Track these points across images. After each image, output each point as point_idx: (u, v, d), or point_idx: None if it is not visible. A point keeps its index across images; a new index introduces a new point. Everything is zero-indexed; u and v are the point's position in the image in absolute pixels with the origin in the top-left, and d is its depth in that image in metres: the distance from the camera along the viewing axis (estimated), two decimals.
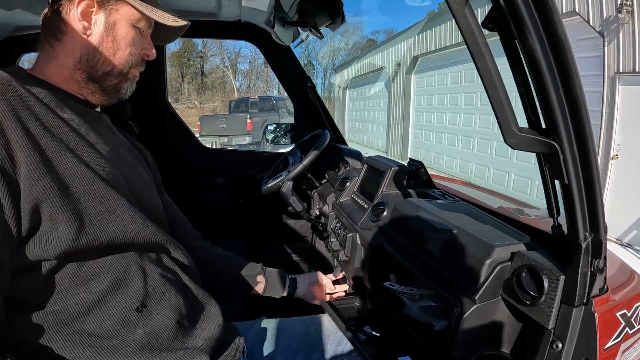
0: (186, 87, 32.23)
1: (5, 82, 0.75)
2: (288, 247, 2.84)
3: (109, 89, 0.97)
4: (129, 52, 0.96)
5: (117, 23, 0.93)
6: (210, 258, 1.27)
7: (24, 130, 0.73)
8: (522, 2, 0.61)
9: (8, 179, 0.69)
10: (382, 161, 1.57)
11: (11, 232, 0.70)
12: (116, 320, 0.81)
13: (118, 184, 0.87)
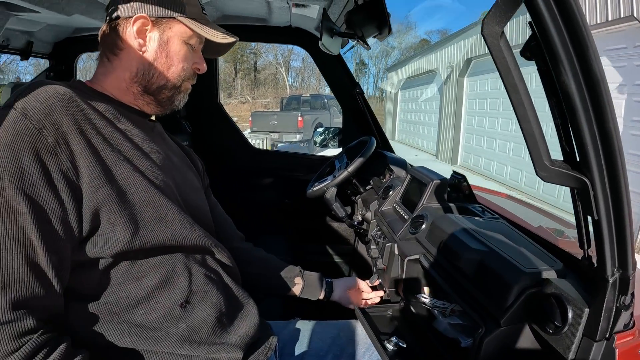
0: (239, 83, 32.87)
1: (69, 98, 0.84)
2: (330, 249, 2.90)
3: (163, 100, 1.05)
4: (181, 67, 1.03)
5: (170, 40, 1.01)
6: (252, 259, 1.34)
7: (86, 143, 0.82)
8: (557, 37, 0.62)
9: (72, 186, 0.79)
10: (425, 173, 1.59)
11: (73, 233, 0.80)
12: (162, 313, 0.90)
13: (170, 190, 0.96)
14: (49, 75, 2.72)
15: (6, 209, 0.73)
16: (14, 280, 0.72)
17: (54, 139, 0.78)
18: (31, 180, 0.75)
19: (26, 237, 0.74)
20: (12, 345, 0.71)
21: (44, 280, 0.76)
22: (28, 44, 2.43)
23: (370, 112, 2.62)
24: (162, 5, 0.99)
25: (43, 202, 0.76)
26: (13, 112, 0.77)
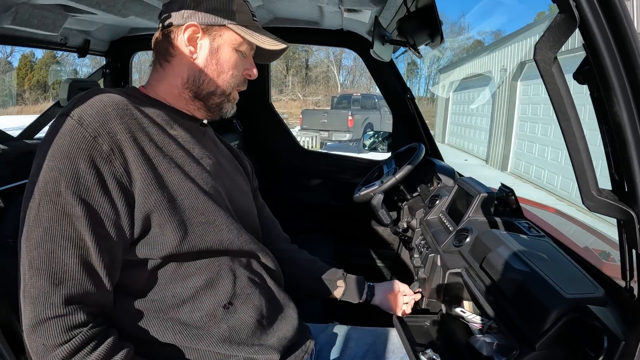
0: (290, 80, 33.19)
1: (123, 107, 0.89)
2: (374, 253, 2.91)
3: (212, 107, 1.08)
4: (231, 74, 1.06)
5: (220, 48, 1.03)
6: (295, 260, 1.38)
7: (139, 150, 0.87)
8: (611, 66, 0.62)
9: (125, 192, 0.85)
10: (473, 185, 1.58)
11: (125, 235, 0.86)
12: (205, 313, 0.95)
13: (218, 196, 1.00)
14: (105, 72, 2.88)
15: (62, 212, 0.79)
16: (68, 278, 0.79)
17: (109, 147, 0.83)
18: (86, 186, 0.80)
19: (80, 238, 0.80)
20: (64, 337, 0.77)
21: (95, 278, 0.82)
22: (85, 42, 2.58)
23: (420, 118, 2.62)
24: (213, 13, 1.01)
25: (97, 206, 0.82)
26: (70, 120, 0.83)
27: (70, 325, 0.78)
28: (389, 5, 1.84)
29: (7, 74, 28.52)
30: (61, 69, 28.26)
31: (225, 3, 1.02)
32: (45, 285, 0.77)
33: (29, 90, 30.57)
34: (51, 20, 1.95)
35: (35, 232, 0.79)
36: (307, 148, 13.48)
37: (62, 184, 0.79)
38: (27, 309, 0.78)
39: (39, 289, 0.77)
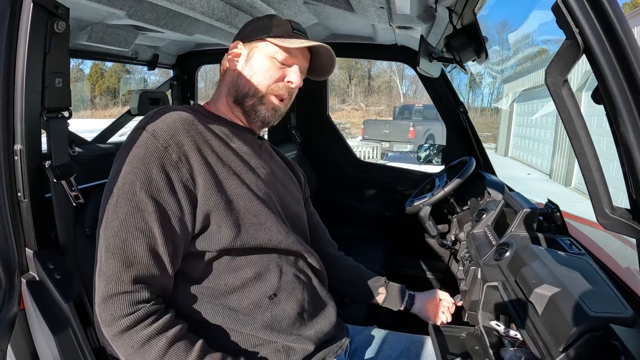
0: (353, 89, 33.36)
1: (190, 122, 1.06)
2: (424, 264, 2.94)
3: (248, 109, 1.19)
4: (263, 77, 1.17)
5: (255, 54, 1.18)
6: (341, 266, 1.50)
7: (202, 159, 1.03)
8: (616, 90, 0.65)
9: (189, 194, 1.01)
10: (518, 200, 1.58)
11: (187, 230, 1.02)
12: (252, 301, 1.08)
13: (270, 201, 1.14)
14: (173, 84, 3.11)
15: (137, 208, 0.95)
16: (137, 262, 0.95)
17: (177, 156, 1.00)
18: (157, 187, 0.97)
19: (150, 230, 0.96)
20: (129, 310, 0.92)
21: (160, 264, 0.98)
22: (154, 57, 2.82)
23: (473, 132, 2.63)
24: (255, 30, 1.19)
25: (165, 204, 0.98)
26: (145, 133, 0.99)
27: (135, 301, 0.93)
28: (438, 22, 1.89)
29: (79, 81, 30.74)
30: (130, 76, 30.04)
31: (267, 23, 1.19)
32: (118, 266, 0.93)
33: (99, 95, 32.84)
34: (123, 38, 2.17)
35: (113, 222, 0.95)
36: (368, 159, 13.67)
37: (137, 185, 0.95)
38: (101, 285, 0.93)
39: (113, 269, 0.93)
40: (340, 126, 23.11)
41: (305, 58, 1.24)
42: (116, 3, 1.53)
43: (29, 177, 1.04)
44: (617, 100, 0.66)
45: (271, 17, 1.22)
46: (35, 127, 1.05)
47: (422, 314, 1.50)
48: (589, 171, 0.73)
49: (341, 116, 29.31)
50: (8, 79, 0.97)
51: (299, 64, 1.21)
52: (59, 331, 1.08)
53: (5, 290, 1.01)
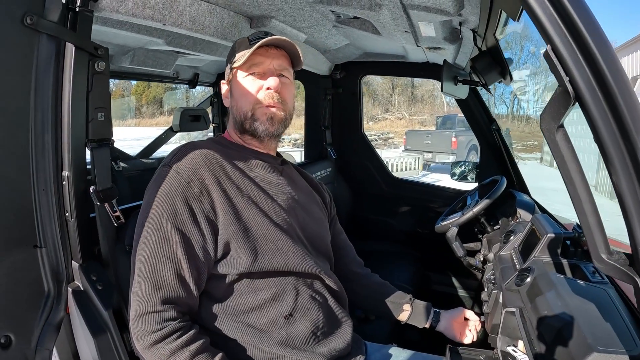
0: (396, 99, 33.09)
1: (210, 157, 1.18)
2: (456, 281, 2.94)
3: (251, 131, 1.26)
4: (245, 98, 1.25)
5: (234, 83, 1.27)
6: (367, 283, 1.56)
7: (222, 192, 1.14)
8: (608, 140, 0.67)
9: (211, 224, 1.12)
10: (544, 223, 1.59)
11: (210, 256, 1.13)
12: (268, 320, 1.17)
13: (289, 227, 1.23)
14: (213, 101, 3.25)
15: (164, 238, 1.08)
16: (165, 285, 1.07)
17: (199, 190, 1.11)
18: (182, 219, 1.09)
19: (176, 257, 1.08)
20: (158, 326, 1.04)
21: (185, 287, 1.09)
22: (195, 76, 2.98)
23: (506, 150, 2.62)
24: (227, 64, 1.31)
25: (190, 234, 1.09)
26: (170, 170, 1.12)
27: (163, 319, 1.05)
28: (465, 42, 1.92)
29: (126, 90, 32.11)
30: (176, 86, 31.07)
31: (231, 52, 1.30)
32: (149, 289, 1.05)
33: (146, 105, 34.05)
34: (164, 60, 2.32)
35: (144, 250, 1.08)
36: (409, 170, 13.53)
37: (164, 217, 1.08)
38: (134, 304, 1.06)
39: (144, 291, 1.06)
40: (383, 136, 22.89)
41: (276, 57, 1.26)
42: (154, 33, 1.66)
43: (75, 200, 1.17)
44: (609, 149, 0.68)
45: (234, 43, 1.31)
46: (80, 156, 1.18)
47: (448, 332, 1.52)
48: (584, 215, 0.74)
49: (385, 126, 29.06)
50: (56, 114, 1.11)
51: (270, 67, 1.25)
52: (99, 335, 1.20)
53: (54, 297, 1.17)
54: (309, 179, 1.52)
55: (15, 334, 1.07)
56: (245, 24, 1.74)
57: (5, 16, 0.96)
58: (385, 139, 22.36)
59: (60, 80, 1.10)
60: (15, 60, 1.01)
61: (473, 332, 1.52)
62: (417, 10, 1.52)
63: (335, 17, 1.83)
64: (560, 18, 0.70)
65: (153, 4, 1.29)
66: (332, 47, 2.41)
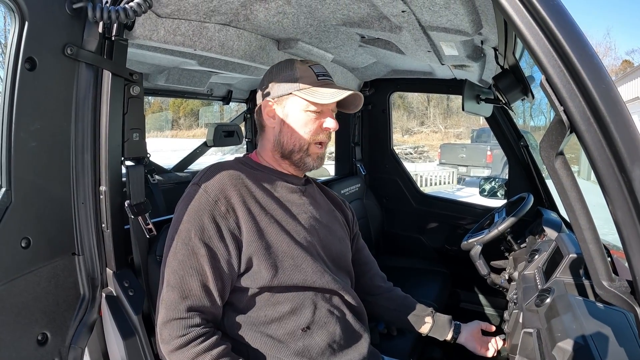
0: (432, 111, 32.74)
1: (236, 177, 1.26)
2: (485, 299, 2.93)
3: (297, 162, 1.35)
4: (303, 132, 1.31)
5: (290, 113, 1.31)
6: (389, 296, 1.60)
7: (247, 210, 1.23)
8: (603, 167, 0.69)
9: (236, 240, 1.21)
10: (567, 243, 1.58)
11: (234, 269, 1.21)
12: (287, 332, 1.24)
13: (309, 245, 1.30)
14: (246, 116, 3.35)
15: (192, 251, 1.16)
16: (192, 295, 1.15)
17: (225, 208, 1.20)
18: (209, 235, 1.17)
19: (203, 269, 1.16)
20: (183, 332, 1.12)
21: (210, 297, 1.17)
22: (228, 92, 3.10)
23: (535, 167, 2.61)
24: (280, 87, 1.31)
25: (216, 249, 1.18)
26: (198, 189, 1.21)
27: (189, 325, 1.13)
28: (489, 59, 1.95)
29: (164, 103, 32.96)
30: (211, 103, 31.79)
31: (290, 75, 1.31)
32: (176, 298, 1.14)
33: (183, 117, 34.84)
34: (198, 79, 2.43)
35: (172, 262, 1.17)
36: (444, 184, 13.35)
37: (192, 232, 1.17)
38: (162, 311, 1.15)
39: (172, 299, 1.14)
40: (419, 149, 22.69)
41: None
42: (187, 55, 1.76)
43: (111, 212, 1.28)
44: (605, 180, 0.69)
45: (292, 66, 1.33)
46: (117, 172, 1.29)
47: (469, 344, 1.53)
48: (585, 243, 0.76)
49: (420, 139, 28.76)
50: (94, 135, 1.23)
51: (330, 107, 1.33)
52: (128, 337, 1.30)
53: (88, 301, 1.29)
54: (331, 197, 1.58)
55: (52, 332, 1.19)
56: (272, 46, 1.83)
57: (48, 48, 1.09)
58: (421, 153, 22.16)
59: (98, 104, 1.21)
60: (57, 87, 1.13)
61: (494, 345, 1.53)
62: (437, 31, 1.57)
63: (360, 38, 1.89)
64: (554, 49, 0.72)
65: (183, 31, 1.39)
66: (360, 65, 2.47)
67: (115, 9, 1.10)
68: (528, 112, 23.41)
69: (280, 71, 1.34)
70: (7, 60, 1.03)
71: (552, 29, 0.72)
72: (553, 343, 1.10)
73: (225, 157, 12.50)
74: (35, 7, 1.02)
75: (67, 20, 1.11)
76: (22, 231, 1.10)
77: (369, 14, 1.52)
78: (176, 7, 1.31)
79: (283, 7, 1.46)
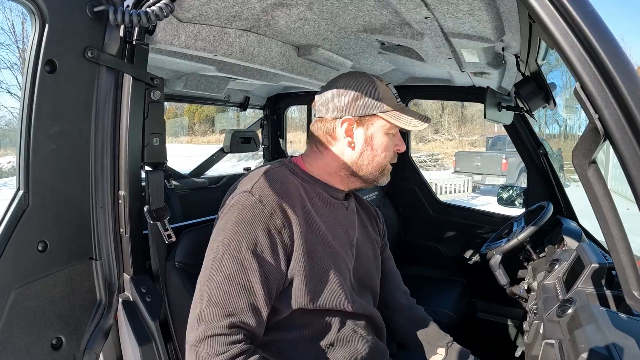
0: (446, 119, 32.59)
1: (291, 189, 1.20)
2: (502, 309, 2.86)
3: (369, 181, 1.30)
4: (384, 156, 1.26)
5: (374, 135, 1.24)
6: (408, 315, 1.54)
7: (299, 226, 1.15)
8: (637, 178, 0.67)
9: (287, 256, 1.14)
10: (588, 253, 1.55)
11: (279, 287, 1.15)
12: (313, 349, 1.22)
13: (344, 268, 1.26)
14: (263, 123, 3.35)
15: (241, 265, 1.08)
16: (237, 312, 1.06)
17: (281, 222, 1.12)
18: (262, 249, 1.09)
19: (252, 286, 1.08)
20: (224, 349, 1.03)
21: (256, 315, 1.09)
22: (246, 99, 3.10)
23: (554, 175, 2.57)
24: (364, 105, 1.22)
25: (268, 264, 1.10)
26: (252, 198, 1.13)
27: (230, 342, 1.04)
28: (510, 66, 1.92)
29: (180, 109, 33.36)
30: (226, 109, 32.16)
31: (373, 94, 1.22)
32: (219, 314, 1.05)
33: (198, 123, 35.13)
34: (216, 85, 2.43)
35: (217, 276, 1.07)
36: (458, 192, 13.26)
37: (244, 245, 1.08)
38: (201, 327, 1.05)
39: (213, 315, 1.05)
40: (433, 157, 22.56)
41: None
42: (206, 61, 1.76)
43: (130, 217, 1.27)
44: (639, 187, 0.68)
45: (373, 83, 1.24)
46: (136, 177, 1.28)
47: None
48: (616, 252, 0.74)
49: (434, 147, 28.59)
50: (114, 139, 1.22)
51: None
52: (144, 344, 1.28)
53: (105, 306, 1.27)
54: (366, 208, 1.52)
55: (67, 337, 1.18)
56: (292, 52, 1.82)
57: (68, 51, 1.08)
58: (435, 161, 22.03)
59: (118, 108, 1.21)
60: (78, 90, 1.13)
61: None
62: (459, 38, 1.55)
63: (380, 45, 1.87)
64: (589, 56, 0.70)
65: (204, 36, 1.38)
66: (379, 72, 2.45)
67: (137, 13, 1.09)
68: (543, 120, 23.21)
69: (360, 86, 1.23)
70: (27, 63, 1.02)
71: (587, 35, 0.70)
72: (576, 354, 1.07)
73: (240, 164, 12.57)
74: (56, 10, 1.02)
75: (88, 23, 1.10)
76: (39, 234, 1.10)
77: (391, 21, 1.49)
78: (198, 12, 1.30)
79: (304, 13, 1.45)
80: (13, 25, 27.72)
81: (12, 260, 1.05)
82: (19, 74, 22.73)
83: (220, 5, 1.30)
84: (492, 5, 1.25)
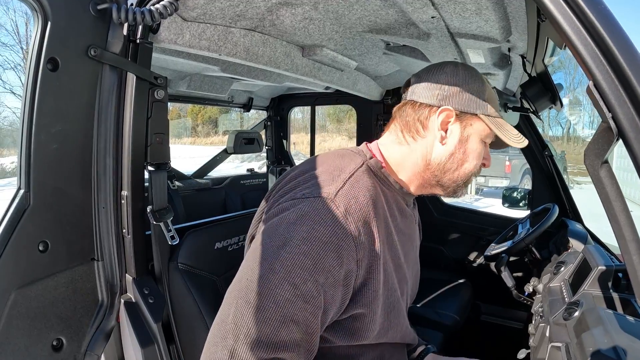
0: None
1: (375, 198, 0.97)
2: (506, 312, 2.84)
3: (449, 189, 1.10)
4: (474, 165, 1.06)
5: (470, 137, 1.04)
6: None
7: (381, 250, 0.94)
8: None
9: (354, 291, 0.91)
10: (595, 255, 1.53)
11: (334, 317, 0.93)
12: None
13: (405, 296, 1.11)
14: (267, 124, 3.35)
15: (302, 298, 0.82)
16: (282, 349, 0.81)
17: (362, 254, 0.89)
18: (333, 282, 0.85)
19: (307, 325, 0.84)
20: None
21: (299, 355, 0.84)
22: (249, 100, 3.10)
23: (559, 177, 2.54)
24: (468, 100, 1.02)
25: (333, 299, 0.87)
26: (336, 210, 0.88)
27: None
28: (516, 67, 1.91)
29: (183, 110, 33.44)
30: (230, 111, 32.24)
31: (480, 92, 1.04)
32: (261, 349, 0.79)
33: (201, 124, 35.15)
34: (219, 85, 2.42)
35: (265, 303, 0.81)
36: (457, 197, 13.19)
37: (311, 275, 0.83)
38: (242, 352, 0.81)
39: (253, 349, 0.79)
40: None
41: None
42: (210, 61, 1.75)
43: (132, 217, 1.25)
44: None
45: (481, 80, 1.06)
46: (139, 177, 1.26)
47: None
48: (629, 255, 0.71)
49: None
50: (117, 138, 1.20)
51: None
52: (147, 345, 1.26)
53: (107, 307, 1.25)
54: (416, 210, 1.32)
55: (68, 338, 1.16)
56: (297, 52, 1.80)
57: (71, 49, 1.07)
58: None
59: (122, 107, 1.19)
60: (80, 88, 1.11)
61: None
62: (465, 38, 1.53)
63: (385, 45, 1.86)
64: (602, 54, 0.69)
65: (209, 35, 1.36)
66: (383, 73, 2.43)
67: (141, 11, 1.08)
68: (547, 122, 23.18)
69: (469, 79, 1.04)
70: (29, 61, 1.01)
71: (601, 33, 0.68)
72: (584, 357, 1.06)
73: (244, 165, 12.56)
74: (59, 7, 1.01)
75: (91, 21, 1.09)
76: (40, 235, 1.08)
77: (397, 20, 1.48)
78: (202, 10, 1.28)
79: (309, 12, 1.43)
80: (17, 26, 27.92)
81: (13, 261, 1.03)
82: (22, 75, 22.81)
83: (225, 4, 1.28)
84: (499, 4, 1.23)
